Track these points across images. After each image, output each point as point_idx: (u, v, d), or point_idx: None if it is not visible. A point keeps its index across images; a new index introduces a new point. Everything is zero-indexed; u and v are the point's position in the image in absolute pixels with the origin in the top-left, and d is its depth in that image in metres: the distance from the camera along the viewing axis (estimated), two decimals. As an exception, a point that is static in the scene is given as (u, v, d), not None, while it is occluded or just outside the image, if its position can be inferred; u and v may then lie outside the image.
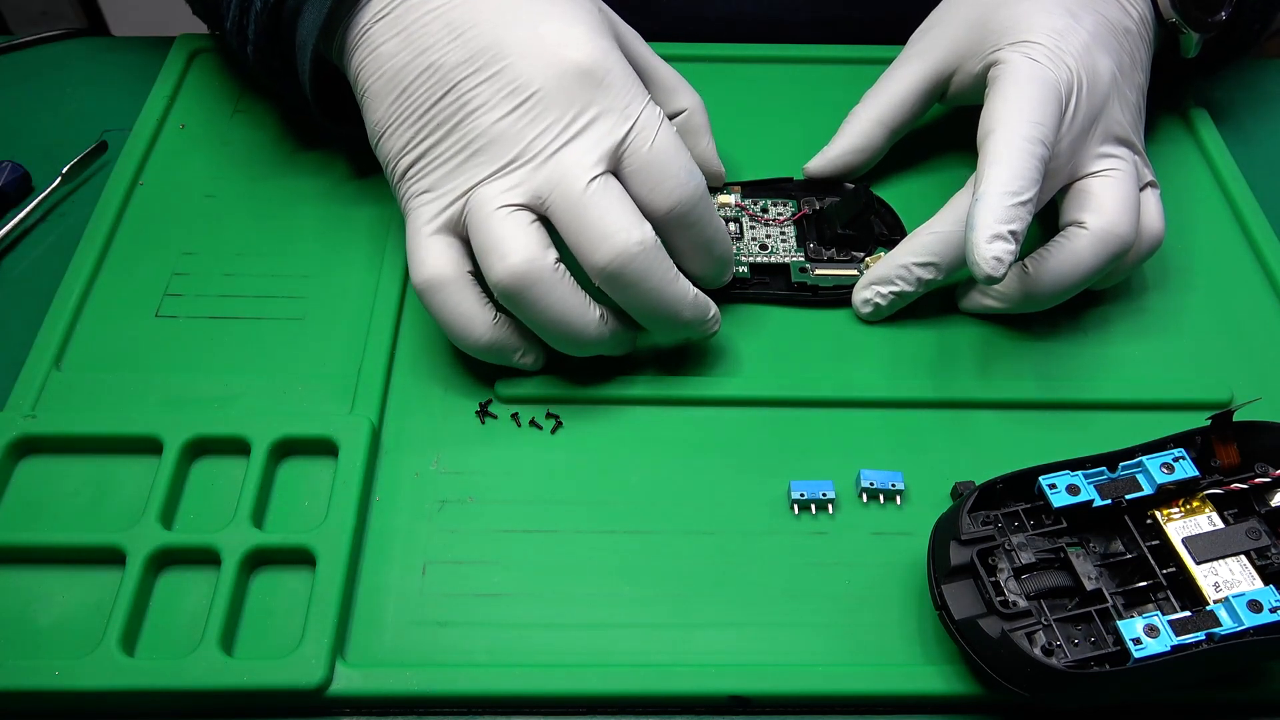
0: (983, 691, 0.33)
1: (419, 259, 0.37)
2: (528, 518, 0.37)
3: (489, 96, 0.36)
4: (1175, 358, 0.42)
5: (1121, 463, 0.34)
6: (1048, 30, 0.40)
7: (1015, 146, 0.37)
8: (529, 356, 0.39)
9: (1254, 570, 0.32)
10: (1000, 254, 0.36)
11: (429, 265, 0.36)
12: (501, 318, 0.38)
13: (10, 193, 0.47)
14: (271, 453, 0.37)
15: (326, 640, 0.33)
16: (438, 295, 0.37)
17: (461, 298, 0.37)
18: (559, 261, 0.36)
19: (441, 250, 0.37)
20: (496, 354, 0.38)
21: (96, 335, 0.41)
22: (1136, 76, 0.43)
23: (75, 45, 0.55)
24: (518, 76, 0.36)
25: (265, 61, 0.42)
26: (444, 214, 0.37)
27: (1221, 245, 0.46)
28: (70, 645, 0.33)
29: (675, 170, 0.36)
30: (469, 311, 0.37)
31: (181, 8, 0.49)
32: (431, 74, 0.36)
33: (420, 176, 0.37)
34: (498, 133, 0.36)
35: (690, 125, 0.43)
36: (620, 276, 0.35)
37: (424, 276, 0.36)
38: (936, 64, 0.44)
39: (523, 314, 0.36)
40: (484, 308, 0.37)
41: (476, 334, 0.37)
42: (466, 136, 0.36)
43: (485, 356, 0.38)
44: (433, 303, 0.37)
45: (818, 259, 0.44)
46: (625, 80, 0.36)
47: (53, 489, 0.37)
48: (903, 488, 0.37)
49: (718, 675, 0.33)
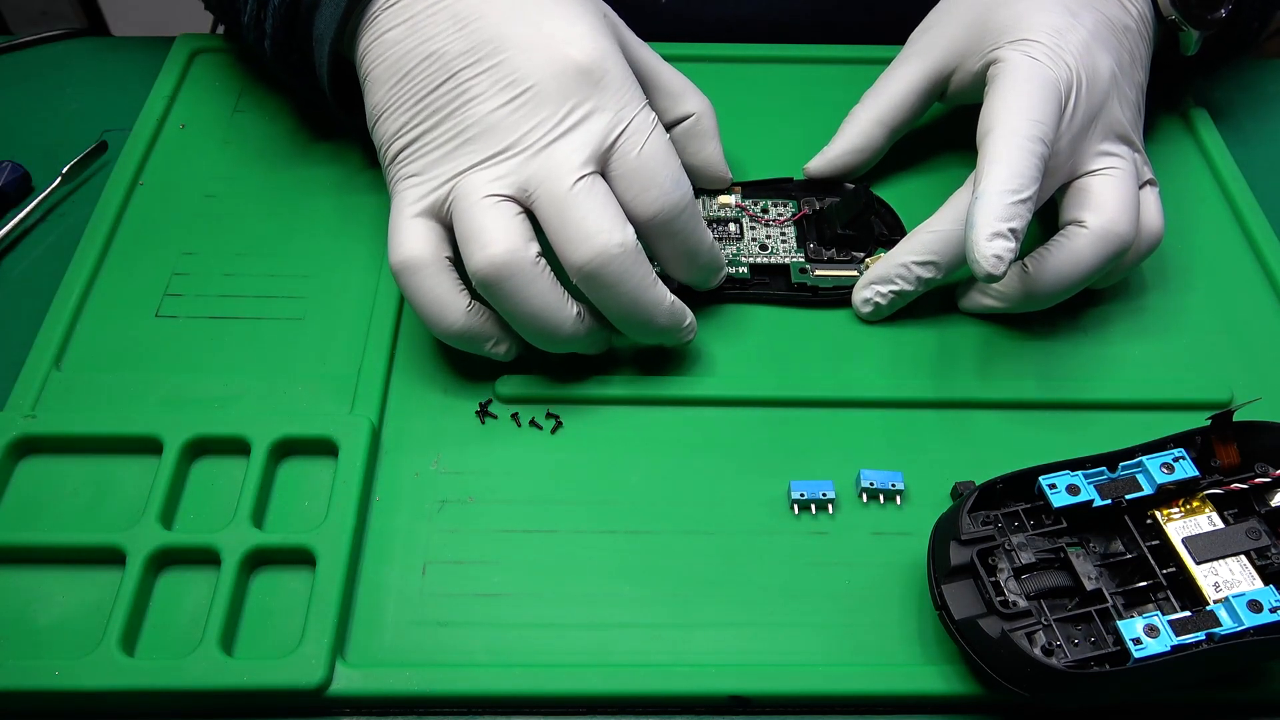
0: (983, 691, 0.33)
1: (398, 240, 0.37)
2: (528, 518, 0.37)
3: (486, 87, 0.36)
4: (1175, 357, 0.42)
5: (1121, 463, 0.34)
6: (1047, 29, 0.40)
7: (1015, 145, 0.37)
8: (502, 346, 0.39)
9: (1254, 570, 0.32)
10: (1000, 252, 0.36)
11: (407, 246, 0.36)
12: (476, 305, 0.37)
13: (10, 193, 0.47)
14: (271, 453, 0.37)
15: (326, 640, 0.33)
16: (414, 277, 0.36)
17: (437, 281, 0.36)
18: (540, 256, 0.36)
19: (422, 233, 0.37)
20: (469, 342, 0.38)
21: (96, 335, 0.41)
22: (1136, 74, 0.43)
23: (75, 45, 0.55)
24: (516, 69, 0.36)
25: (283, 56, 0.43)
26: (429, 198, 0.37)
27: (1221, 245, 0.46)
28: (70, 645, 0.33)
29: (662, 178, 0.36)
30: (444, 296, 0.37)
31: (181, 7, 0.49)
32: (432, 62, 0.37)
33: (410, 160, 0.37)
34: (491, 123, 0.36)
35: (697, 130, 0.43)
36: (598, 277, 0.35)
37: (401, 257, 0.36)
38: (936, 63, 0.44)
39: (500, 305, 0.36)
40: (459, 294, 0.37)
41: (450, 319, 0.37)
42: (460, 124, 0.36)
43: (458, 343, 0.38)
44: (408, 284, 0.37)
45: (818, 259, 0.44)
46: (622, 82, 0.36)
47: (53, 489, 0.37)
48: (903, 488, 0.37)
49: (718, 675, 0.33)
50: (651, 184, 0.36)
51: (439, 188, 0.36)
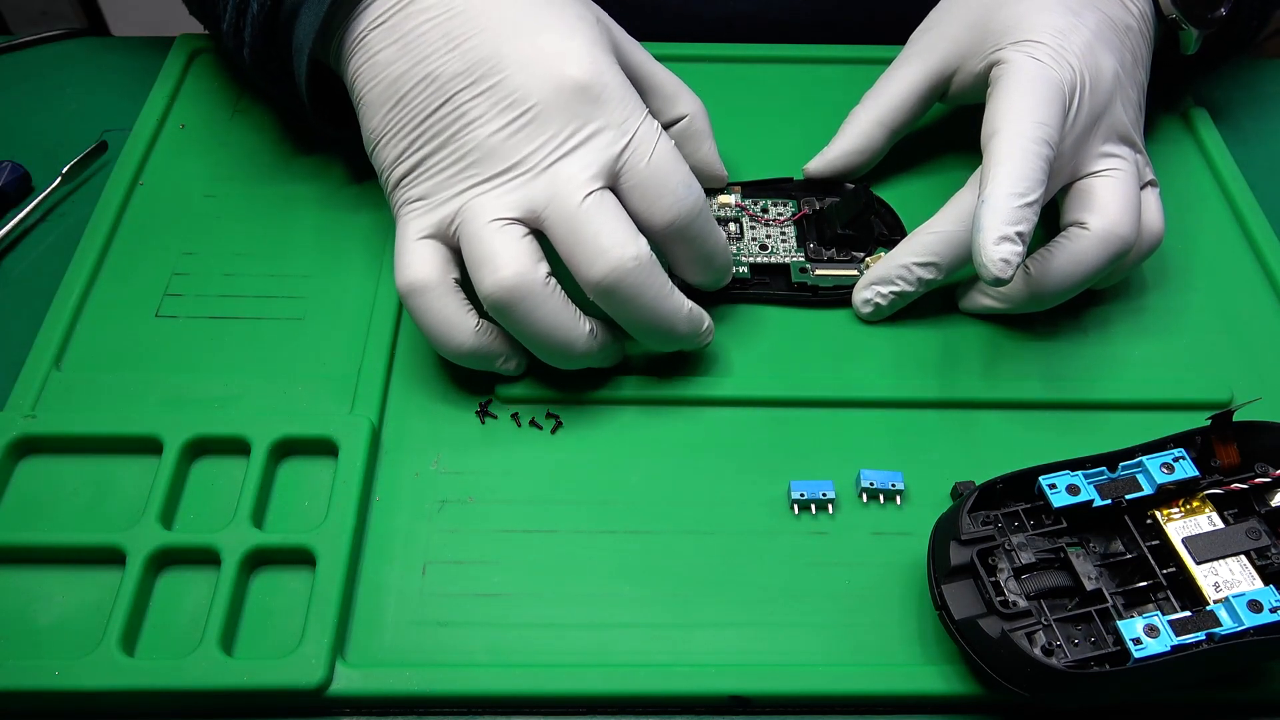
0: (983, 691, 0.33)
1: (405, 262, 0.37)
2: (528, 518, 0.37)
3: (486, 109, 0.36)
4: (1175, 357, 0.42)
5: (1121, 463, 0.34)
6: (1050, 29, 0.40)
7: (1020, 147, 0.37)
8: (511, 363, 0.39)
9: (1254, 570, 0.32)
10: (1008, 256, 0.36)
11: (414, 269, 0.36)
12: (485, 324, 0.37)
13: (10, 193, 0.47)
14: (271, 453, 0.37)
15: (326, 640, 0.33)
16: (421, 299, 0.36)
17: (445, 303, 0.36)
18: (550, 276, 0.36)
19: (428, 255, 0.36)
20: (480, 360, 0.38)
21: (96, 335, 0.41)
22: (1138, 74, 0.43)
23: (75, 45, 0.55)
24: (515, 90, 0.36)
25: (261, 64, 0.42)
26: (435, 222, 0.37)
27: (1221, 245, 0.46)
28: (70, 645, 0.33)
29: (674, 185, 0.36)
30: (452, 317, 0.37)
31: (181, 8, 0.49)
32: (429, 84, 0.36)
33: (414, 184, 0.37)
34: (494, 145, 0.36)
35: (691, 130, 0.43)
36: (615, 292, 0.35)
37: (408, 280, 0.36)
38: (937, 64, 0.44)
39: (512, 327, 0.36)
40: (467, 314, 0.37)
41: (459, 340, 0.37)
42: (463, 148, 0.36)
43: (467, 363, 0.38)
44: (416, 307, 0.37)
45: (818, 259, 0.44)
46: (623, 94, 0.36)
47: (53, 489, 0.37)
48: (903, 488, 0.37)
49: (718, 675, 0.33)
50: (665, 192, 0.36)
51: (445, 212, 0.36)
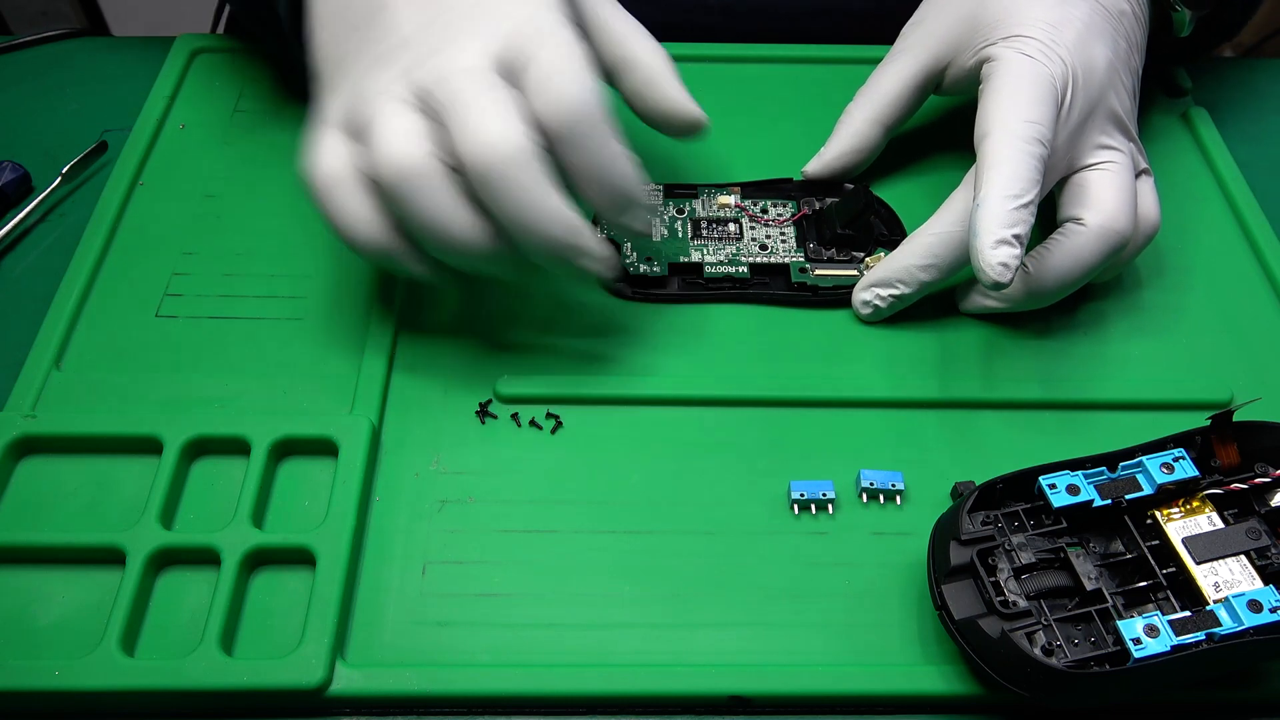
0: (983, 691, 0.33)
1: (312, 156, 0.36)
2: (528, 518, 0.37)
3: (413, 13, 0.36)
4: (1175, 357, 0.42)
5: (1121, 463, 0.34)
6: (1041, 22, 0.40)
7: (1013, 148, 0.37)
8: (421, 266, 0.37)
9: (1254, 570, 0.32)
10: (1006, 259, 0.35)
11: (321, 162, 0.35)
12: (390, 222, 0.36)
13: (10, 193, 0.47)
14: (271, 453, 0.37)
15: (326, 640, 0.33)
16: (327, 192, 0.35)
17: (350, 195, 0.35)
18: (441, 162, 0.34)
19: (334, 146, 0.36)
20: (385, 258, 0.37)
21: (96, 335, 0.41)
22: (1133, 60, 0.43)
23: (75, 45, 0.55)
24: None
25: (247, 5, 0.42)
26: (342, 112, 0.36)
27: (1221, 245, 0.46)
28: (70, 645, 0.33)
29: (567, 82, 0.34)
30: (357, 210, 0.35)
31: (181, 8, 0.49)
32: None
33: (331, 76, 0.37)
34: (406, 36, 0.35)
35: (651, 74, 0.40)
36: (488, 178, 0.34)
37: (315, 173, 0.35)
38: (928, 59, 0.44)
39: (399, 212, 0.35)
40: (375, 209, 0.36)
41: (363, 233, 0.36)
42: (381, 43, 0.36)
43: (374, 261, 0.37)
44: (322, 200, 0.36)
45: (817, 259, 0.44)
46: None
47: (53, 489, 0.37)
48: (903, 488, 0.37)
49: (718, 675, 0.33)
50: (551, 86, 0.34)
51: (350, 100, 0.36)
